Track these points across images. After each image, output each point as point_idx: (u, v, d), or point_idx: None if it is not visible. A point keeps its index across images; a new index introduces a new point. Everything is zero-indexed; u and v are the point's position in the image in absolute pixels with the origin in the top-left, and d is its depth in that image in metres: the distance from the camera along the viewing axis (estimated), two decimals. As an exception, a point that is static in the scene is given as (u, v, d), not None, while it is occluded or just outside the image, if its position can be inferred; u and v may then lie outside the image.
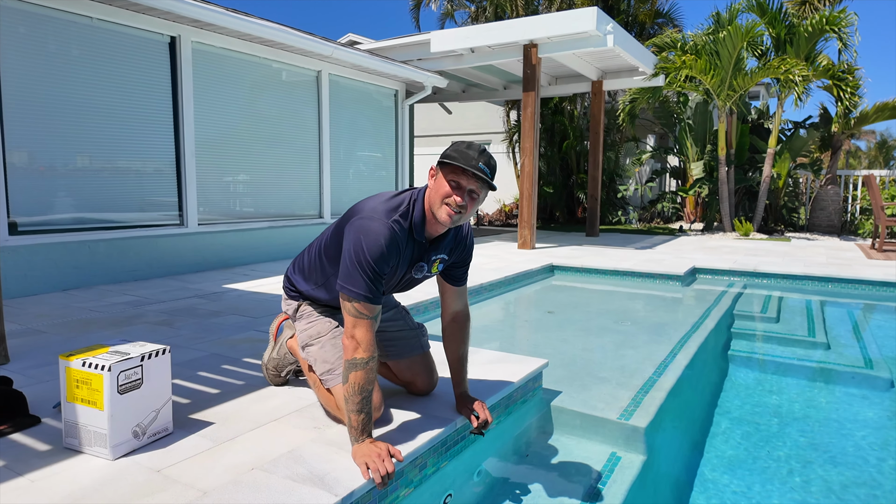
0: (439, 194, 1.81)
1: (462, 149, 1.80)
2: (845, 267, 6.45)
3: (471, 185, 1.79)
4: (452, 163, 1.77)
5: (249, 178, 6.55)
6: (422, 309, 4.29)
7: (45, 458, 1.79)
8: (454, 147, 1.82)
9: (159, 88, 5.50)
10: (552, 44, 7.76)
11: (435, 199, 1.83)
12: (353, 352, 1.76)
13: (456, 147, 1.82)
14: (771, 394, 3.37)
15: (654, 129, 15.48)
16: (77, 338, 3.24)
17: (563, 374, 3.09)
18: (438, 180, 1.83)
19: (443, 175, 1.82)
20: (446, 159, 1.79)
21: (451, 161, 1.78)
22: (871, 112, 11.22)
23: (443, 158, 1.81)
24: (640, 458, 2.32)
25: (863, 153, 29.87)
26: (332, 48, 6.78)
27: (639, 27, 13.66)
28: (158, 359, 1.88)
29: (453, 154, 1.80)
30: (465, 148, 1.80)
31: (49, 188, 4.76)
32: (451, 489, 2.06)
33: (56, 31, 4.72)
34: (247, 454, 1.82)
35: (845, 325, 4.97)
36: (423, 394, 2.31)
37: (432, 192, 1.84)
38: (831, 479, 2.32)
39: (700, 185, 12.18)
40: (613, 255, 7.42)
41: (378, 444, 1.73)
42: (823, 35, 10.00)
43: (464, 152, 1.79)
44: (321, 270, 2.07)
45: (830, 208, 11.45)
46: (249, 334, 3.36)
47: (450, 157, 1.79)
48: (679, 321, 4.54)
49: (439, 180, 1.83)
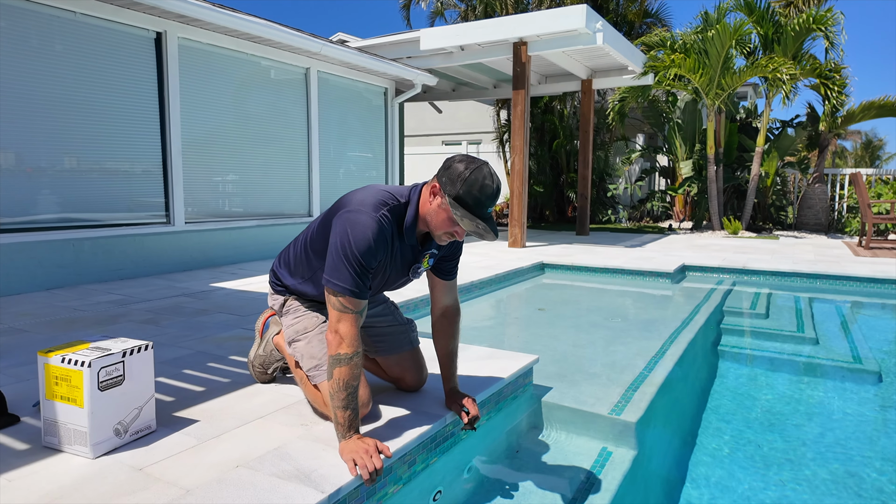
0: (442, 224, 1.79)
1: (476, 193, 1.71)
2: (833, 264, 6.49)
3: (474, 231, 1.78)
4: (465, 211, 1.71)
5: (237, 177, 6.49)
6: (412, 306, 4.26)
7: (23, 457, 1.75)
8: (469, 186, 1.70)
9: (145, 85, 5.43)
10: (542, 42, 7.76)
11: (437, 224, 1.80)
12: (336, 347, 1.73)
13: (469, 189, 1.71)
14: (760, 389, 3.38)
15: (644, 128, 15.54)
16: (60, 336, 3.19)
17: (554, 370, 3.07)
18: (444, 208, 1.77)
19: (450, 208, 1.74)
20: (460, 202, 1.71)
21: (463, 207, 1.72)
22: (857, 111, 11.31)
23: (456, 198, 1.71)
24: (631, 453, 2.31)
25: (849, 153, 30.17)
26: (321, 45, 6.73)
27: (628, 26, 13.70)
28: (140, 355, 1.84)
29: (469, 202, 1.71)
30: (477, 191, 1.71)
31: (32, 186, 4.68)
32: (441, 486, 2.03)
33: (39, 27, 4.64)
34: (232, 452, 1.78)
35: (833, 320, 4.99)
36: (413, 390, 2.28)
37: (433, 214, 1.79)
38: (821, 473, 2.32)
39: (689, 183, 12.23)
40: (603, 254, 7.43)
41: (366, 441, 1.70)
42: (810, 34, 10.07)
43: (476, 197, 1.71)
44: (307, 264, 2.04)
45: (818, 207, 11.53)
46: (236, 332, 3.32)
47: (464, 201, 1.72)
48: (669, 318, 4.54)
49: (445, 209, 1.76)
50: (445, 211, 1.76)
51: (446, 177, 1.74)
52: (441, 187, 1.76)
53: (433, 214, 1.80)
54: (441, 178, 1.76)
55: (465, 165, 1.74)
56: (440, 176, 1.77)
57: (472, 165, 1.74)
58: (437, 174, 1.79)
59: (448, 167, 1.76)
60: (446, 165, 1.77)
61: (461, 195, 1.72)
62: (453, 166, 1.75)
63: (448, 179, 1.74)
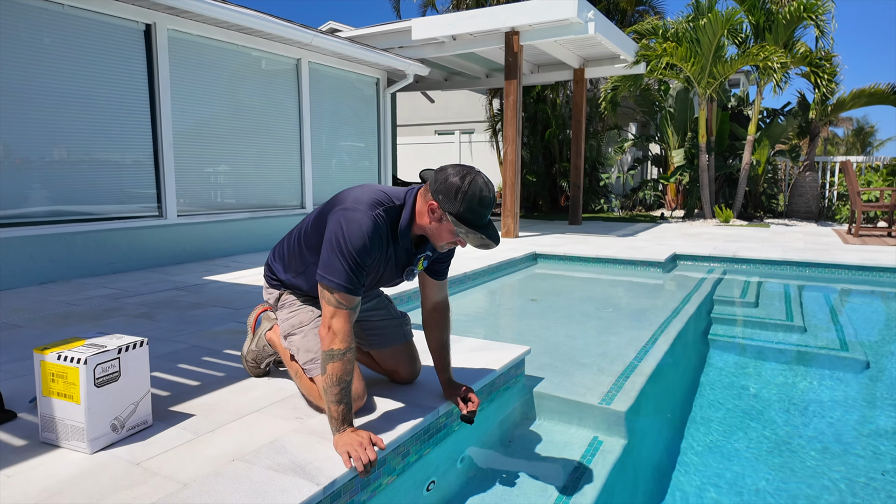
0: (448, 236, 1.81)
1: (476, 207, 1.72)
2: (823, 252, 6.56)
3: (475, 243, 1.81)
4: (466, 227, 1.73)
5: (230, 169, 6.47)
6: (405, 298, 4.29)
7: (21, 453, 1.77)
8: (468, 202, 1.71)
9: (135, 77, 5.39)
10: (534, 31, 7.74)
11: (438, 236, 1.82)
12: (330, 342, 1.75)
13: (469, 205, 1.71)
14: (750, 377, 3.43)
15: (636, 117, 15.55)
16: (54, 331, 3.19)
17: (546, 360, 3.11)
18: (448, 226, 1.78)
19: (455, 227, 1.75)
20: (462, 220, 1.72)
21: (467, 225, 1.72)
22: (848, 99, 11.37)
23: (458, 216, 1.72)
24: (622, 442, 2.35)
25: (840, 140, 30.32)
26: (312, 36, 6.69)
27: (620, 15, 13.68)
28: (136, 351, 1.86)
29: (470, 217, 1.72)
30: (477, 205, 1.72)
31: (23, 180, 4.66)
32: (435, 476, 2.06)
33: (26, 19, 4.60)
34: (228, 445, 1.81)
35: (822, 308, 5.06)
36: (407, 382, 2.31)
37: (435, 229, 1.81)
38: (809, 459, 2.37)
39: (681, 172, 12.28)
40: (596, 243, 7.47)
41: (360, 433, 1.72)
42: (801, 22, 10.10)
43: (477, 211, 1.73)
44: (300, 259, 2.05)
45: (808, 194, 11.62)
46: (231, 326, 3.33)
47: (465, 218, 1.72)
48: (660, 307, 4.59)
49: (449, 226, 1.78)
50: (447, 227, 1.79)
51: (443, 194, 1.73)
52: (440, 205, 1.75)
53: (434, 231, 1.82)
54: (437, 196, 1.75)
55: (460, 178, 1.73)
56: (435, 192, 1.75)
57: (467, 177, 1.73)
58: (431, 188, 1.77)
59: (443, 181, 1.74)
60: (440, 179, 1.75)
61: (462, 212, 1.73)
62: (448, 181, 1.73)
63: (445, 197, 1.73)
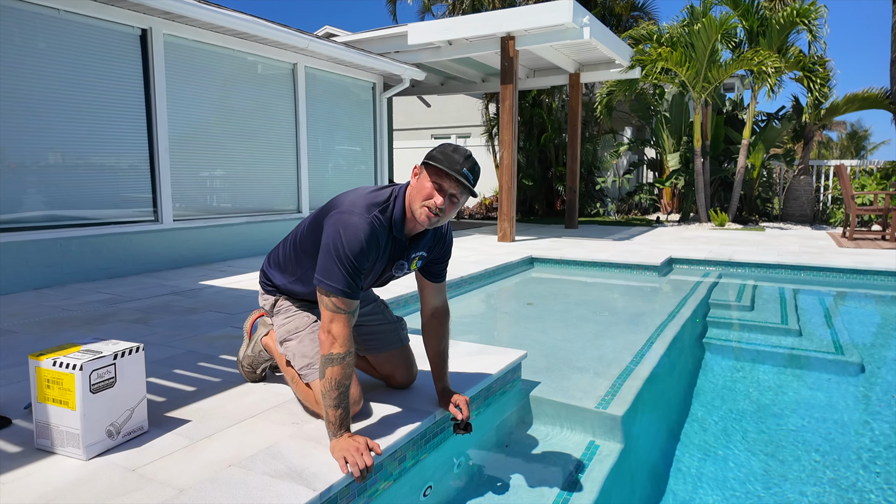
0: (421, 194, 1.80)
1: (448, 152, 1.79)
2: (817, 255, 6.59)
3: (452, 190, 1.79)
4: (437, 165, 1.76)
5: (225, 173, 6.47)
6: (402, 302, 4.28)
7: (16, 459, 1.76)
8: (440, 149, 1.81)
9: (131, 82, 5.39)
10: (529, 36, 7.77)
11: (416, 198, 1.82)
12: (329, 347, 1.75)
13: (442, 149, 1.81)
14: (745, 380, 3.44)
15: (632, 121, 15.61)
16: (49, 337, 3.18)
17: (543, 364, 3.11)
18: (421, 180, 1.82)
19: (426, 175, 1.81)
20: (431, 161, 1.78)
21: (435, 163, 1.76)
22: (841, 103, 11.44)
23: (428, 159, 1.79)
24: (618, 446, 2.35)
25: (835, 144, 30.46)
26: (308, 40, 6.70)
27: (615, 20, 13.74)
28: (132, 357, 1.85)
29: (439, 156, 1.78)
30: (451, 151, 1.79)
31: (19, 185, 4.64)
32: (431, 481, 2.06)
33: (21, 24, 4.59)
34: (224, 451, 1.81)
35: (817, 311, 5.08)
36: (403, 387, 2.31)
37: (414, 190, 1.83)
38: (804, 463, 2.37)
39: (676, 176, 12.32)
40: (592, 247, 7.48)
41: (356, 438, 1.72)
42: (795, 27, 10.17)
43: (449, 155, 1.78)
44: (297, 264, 2.05)
45: (803, 198, 11.67)
46: (227, 331, 3.33)
47: (435, 158, 1.78)
48: (656, 311, 4.60)
49: (422, 180, 1.82)
50: (424, 179, 1.82)
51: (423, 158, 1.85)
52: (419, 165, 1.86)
53: (415, 190, 1.83)
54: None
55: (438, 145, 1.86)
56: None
57: (442, 144, 1.86)
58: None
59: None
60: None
61: (432, 155, 1.81)
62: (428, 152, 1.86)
63: (424, 158, 1.83)
